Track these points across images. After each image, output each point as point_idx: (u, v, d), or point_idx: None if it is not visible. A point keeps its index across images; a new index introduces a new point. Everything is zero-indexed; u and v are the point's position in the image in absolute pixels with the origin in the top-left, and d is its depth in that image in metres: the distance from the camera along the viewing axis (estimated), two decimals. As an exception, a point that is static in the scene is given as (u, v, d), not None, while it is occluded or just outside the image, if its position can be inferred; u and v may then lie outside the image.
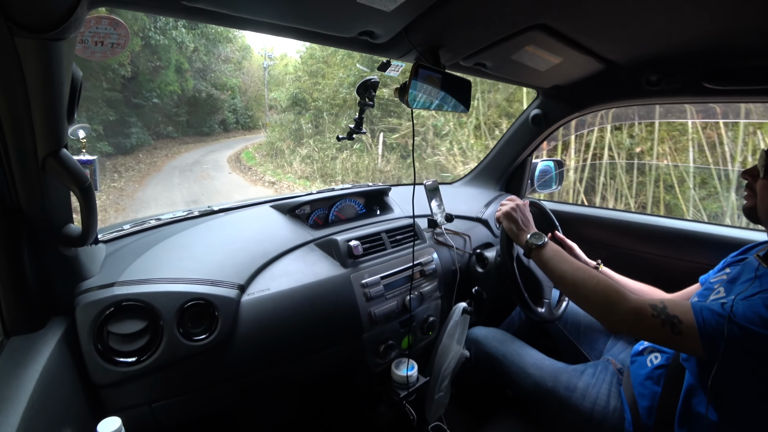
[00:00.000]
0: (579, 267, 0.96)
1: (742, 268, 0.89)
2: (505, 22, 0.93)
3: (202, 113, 18.82)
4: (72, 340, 0.77)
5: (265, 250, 1.09)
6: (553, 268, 1.00)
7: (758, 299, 0.72)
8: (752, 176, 0.86)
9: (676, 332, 0.76)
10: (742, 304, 0.72)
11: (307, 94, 11.89)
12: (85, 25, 0.68)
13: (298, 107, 11.97)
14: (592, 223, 1.76)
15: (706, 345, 0.72)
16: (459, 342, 1.30)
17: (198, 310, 0.88)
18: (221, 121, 20.28)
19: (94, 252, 0.90)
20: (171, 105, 16.35)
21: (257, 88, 22.69)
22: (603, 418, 1.02)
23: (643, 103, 1.57)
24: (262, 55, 22.34)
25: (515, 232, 1.13)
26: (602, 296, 0.87)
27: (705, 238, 1.47)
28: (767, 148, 0.82)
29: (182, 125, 17.34)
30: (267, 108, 21.03)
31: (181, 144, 16.71)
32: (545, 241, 1.06)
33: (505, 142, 1.91)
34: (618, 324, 0.84)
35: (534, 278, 1.31)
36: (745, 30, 0.96)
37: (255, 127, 21.93)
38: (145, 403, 0.85)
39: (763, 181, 0.82)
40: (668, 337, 0.77)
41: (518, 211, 1.16)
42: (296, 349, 1.03)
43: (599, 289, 0.88)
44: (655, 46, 1.13)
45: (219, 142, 18.63)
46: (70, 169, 0.66)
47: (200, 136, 18.44)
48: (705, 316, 0.74)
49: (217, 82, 19.59)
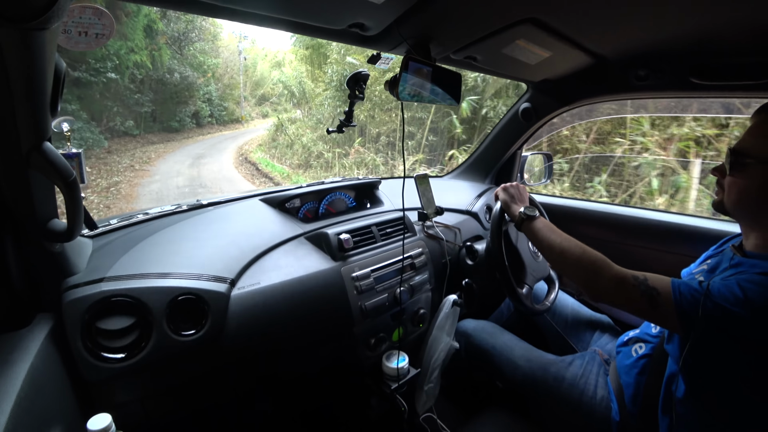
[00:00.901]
0: (567, 237, 1.01)
1: (720, 258, 0.93)
2: (495, 16, 0.93)
3: (171, 103, 14.63)
4: (59, 336, 0.76)
5: (255, 244, 1.09)
6: (542, 238, 1.05)
7: (733, 279, 0.75)
8: (720, 173, 0.89)
9: (653, 304, 0.79)
10: (718, 283, 0.75)
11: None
12: (69, 14, 0.66)
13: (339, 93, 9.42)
14: (580, 216, 1.78)
15: (680, 318, 0.76)
16: (449, 334, 1.31)
17: (188, 305, 0.87)
18: (194, 114, 16.18)
19: (80, 247, 0.89)
20: (133, 88, 12.16)
21: (230, 75, 19.87)
22: (590, 407, 1.04)
23: (632, 98, 1.58)
24: (235, 36, 19.76)
25: (510, 204, 1.20)
26: (587, 264, 0.91)
27: (688, 230, 1.50)
28: (732, 147, 0.85)
29: (145, 118, 13.31)
30: (242, 99, 18.99)
31: (145, 144, 12.61)
32: (537, 214, 1.11)
33: (494, 135, 1.91)
34: (601, 291, 0.88)
35: (520, 262, 1.32)
36: (732, 27, 0.97)
37: (230, 121, 18.89)
38: (135, 399, 0.85)
39: (729, 178, 0.85)
40: (646, 308, 0.81)
41: (516, 188, 1.25)
42: (287, 342, 1.03)
43: (585, 257, 0.93)
44: (644, 42, 1.14)
45: (193, 140, 14.98)
46: (55, 162, 0.65)
47: (168, 133, 14.46)
48: (682, 291, 0.77)
49: (193, 61, 15.84)
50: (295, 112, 14.36)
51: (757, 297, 0.70)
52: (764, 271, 0.74)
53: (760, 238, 0.83)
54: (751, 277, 0.74)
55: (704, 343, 0.75)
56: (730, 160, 0.84)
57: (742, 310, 0.70)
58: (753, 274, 0.75)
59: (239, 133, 16.80)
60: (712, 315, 0.72)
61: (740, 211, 0.86)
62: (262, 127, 17.09)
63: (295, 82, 12.93)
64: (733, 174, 0.84)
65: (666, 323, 0.81)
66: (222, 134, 16.81)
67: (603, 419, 1.02)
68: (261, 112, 22.04)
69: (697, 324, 0.74)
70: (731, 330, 0.71)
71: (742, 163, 0.82)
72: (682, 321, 0.76)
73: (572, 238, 1.01)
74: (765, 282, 0.72)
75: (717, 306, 0.72)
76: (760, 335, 0.70)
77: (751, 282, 0.73)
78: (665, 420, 0.90)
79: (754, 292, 0.70)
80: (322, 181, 1.47)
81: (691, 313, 0.75)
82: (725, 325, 0.72)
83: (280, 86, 13.94)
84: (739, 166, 0.82)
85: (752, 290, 0.71)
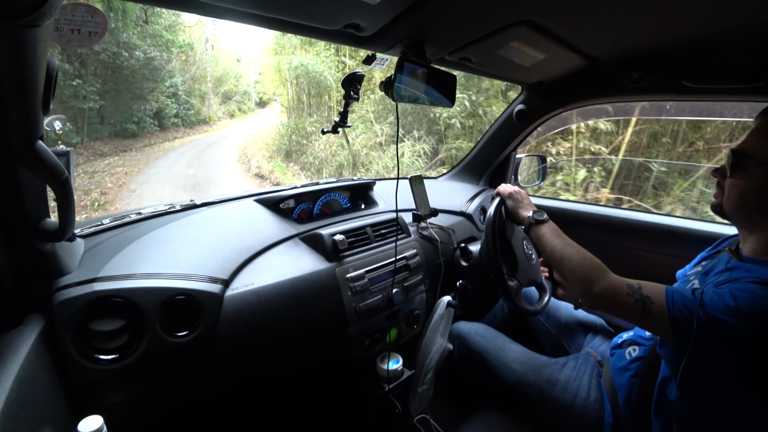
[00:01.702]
0: (569, 243, 1.04)
1: (717, 261, 0.93)
2: (490, 18, 0.94)
3: (128, 96, 10.47)
4: (50, 338, 0.75)
5: (249, 245, 1.08)
6: (546, 242, 1.08)
7: (726, 288, 0.75)
8: (721, 175, 0.89)
9: (647, 312, 0.80)
10: (712, 291, 0.76)
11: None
12: (61, 12, 0.65)
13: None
14: (575, 218, 1.79)
15: (673, 327, 0.76)
16: (443, 335, 1.31)
17: (181, 305, 0.86)
18: (156, 113, 12.00)
19: (72, 247, 0.88)
20: (70, 71, 8.57)
21: (198, 66, 16.08)
22: (584, 409, 1.05)
23: (625, 100, 1.60)
24: (201, 21, 15.81)
25: (517, 209, 1.24)
26: (585, 271, 0.93)
27: (683, 232, 1.51)
28: (734, 148, 0.85)
29: (90, 118, 9.24)
30: (210, 95, 16.70)
31: (92, 158, 8.77)
32: (546, 218, 1.14)
33: (489, 137, 1.92)
34: (596, 298, 0.89)
35: (514, 264, 1.32)
36: (722, 30, 0.98)
37: (197, 122, 15.31)
38: (127, 401, 0.84)
39: (730, 179, 0.85)
40: (639, 316, 0.82)
41: (520, 193, 1.28)
42: (281, 343, 1.02)
43: (584, 264, 0.94)
44: (637, 44, 1.15)
45: (160, 149, 11.07)
46: (47, 161, 0.64)
47: (123, 140, 10.33)
48: (675, 300, 0.78)
49: (159, 41, 11.65)
50: (257, 111, 14.41)
51: (749, 306, 0.70)
52: (758, 278, 0.75)
53: (757, 242, 0.84)
54: (745, 285, 0.74)
55: (697, 350, 0.75)
56: (731, 162, 0.84)
57: (734, 320, 0.70)
58: (747, 283, 0.75)
59: (214, 138, 13.85)
60: (705, 325, 0.73)
61: (739, 214, 0.87)
62: (233, 129, 15.89)
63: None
64: (734, 176, 0.84)
65: (659, 331, 0.81)
66: (193, 139, 13.35)
67: (596, 421, 1.03)
68: (228, 111, 20.56)
69: (690, 333, 0.74)
70: (724, 338, 0.72)
71: (744, 164, 0.82)
72: (675, 330, 0.76)
73: (575, 243, 1.03)
74: (758, 291, 0.72)
75: (709, 316, 0.73)
76: (752, 344, 0.70)
77: (745, 291, 0.73)
78: (658, 422, 0.90)
79: (746, 301, 0.71)
80: (317, 182, 1.46)
81: (684, 322, 0.75)
82: (718, 334, 0.72)
83: (244, 83, 13.56)
84: (740, 167, 0.83)
85: (744, 299, 0.71)
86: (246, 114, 22.98)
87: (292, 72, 9.86)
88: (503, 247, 1.29)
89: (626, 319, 0.86)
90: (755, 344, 0.70)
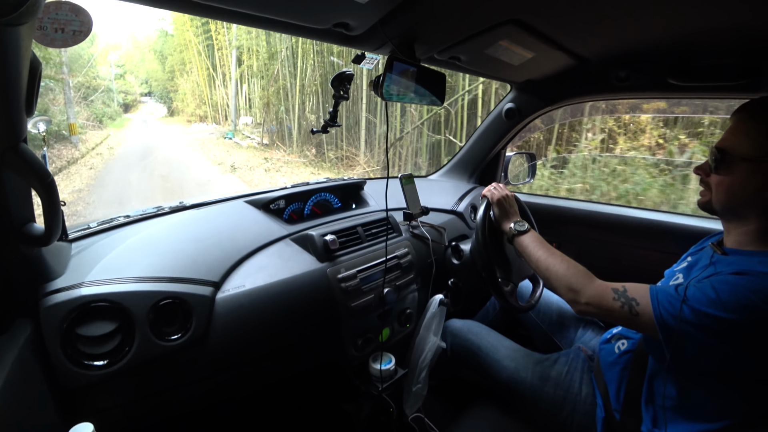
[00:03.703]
0: (553, 253, 1.04)
1: (701, 255, 0.95)
2: (479, 17, 0.94)
3: None
4: (38, 344, 0.74)
5: (240, 246, 1.07)
6: (531, 253, 1.09)
7: (707, 282, 0.78)
8: (705, 172, 0.91)
9: (633, 313, 0.83)
10: (694, 287, 0.78)
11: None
12: (44, 10, 0.64)
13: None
14: (565, 214, 1.80)
15: (659, 324, 0.78)
16: (436, 334, 1.31)
17: (171, 309, 0.86)
18: None
19: (59, 251, 0.86)
20: None
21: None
22: (575, 404, 1.06)
23: (614, 98, 1.62)
24: None
25: (501, 219, 1.24)
26: (571, 280, 0.95)
27: (671, 227, 1.53)
28: (716, 145, 0.87)
29: None
30: (68, 88, 11.38)
31: None
32: (526, 228, 1.15)
33: (478, 135, 1.93)
34: (583, 306, 0.91)
35: (505, 261, 1.33)
36: (708, 31, 1.00)
37: (53, 138, 9.83)
38: (118, 405, 0.83)
39: (716, 176, 0.87)
40: (627, 318, 0.84)
41: (507, 200, 1.27)
42: (273, 344, 1.02)
43: (569, 274, 0.96)
44: (624, 43, 1.16)
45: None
46: (32, 163, 0.63)
47: None
48: (660, 298, 0.80)
49: None
50: (128, 118, 12.80)
51: (729, 297, 0.72)
52: (738, 270, 0.77)
53: (742, 234, 0.86)
54: (725, 277, 0.77)
55: (685, 345, 0.77)
56: (715, 158, 0.86)
57: (717, 312, 0.72)
58: (727, 275, 0.77)
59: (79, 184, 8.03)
60: (689, 319, 0.75)
61: (727, 209, 0.88)
62: (124, 155, 10.67)
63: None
64: (719, 172, 0.86)
65: (647, 330, 0.83)
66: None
67: (588, 415, 1.04)
68: (93, 115, 14.06)
69: (674, 328, 0.76)
70: (707, 331, 0.74)
71: (728, 161, 0.84)
72: (661, 327, 0.78)
73: (559, 252, 1.04)
74: (737, 281, 0.74)
75: (693, 310, 0.75)
76: (735, 333, 0.72)
77: (725, 283, 0.75)
78: (649, 414, 0.92)
79: (727, 292, 0.73)
80: (307, 182, 1.46)
81: (669, 319, 0.77)
82: (702, 327, 0.74)
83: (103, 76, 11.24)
84: (724, 164, 0.84)
85: (725, 291, 0.73)
86: (114, 120, 18.73)
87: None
88: (495, 249, 1.30)
89: (615, 322, 0.89)
90: (738, 334, 0.72)
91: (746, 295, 0.71)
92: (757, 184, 0.80)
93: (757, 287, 0.72)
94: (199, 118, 22.23)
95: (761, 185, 0.79)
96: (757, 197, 0.80)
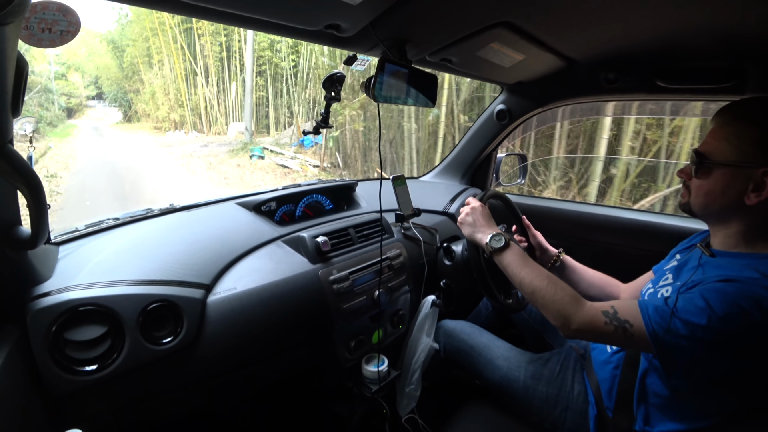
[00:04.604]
0: (538, 274, 0.98)
1: (690, 255, 0.96)
2: (470, 19, 0.95)
3: None
4: (25, 349, 0.72)
5: (231, 248, 1.06)
6: (513, 273, 1.02)
7: (696, 291, 0.78)
8: (687, 175, 0.92)
9: (628, 335, 0.81)
10: (683, 298, 0.78)
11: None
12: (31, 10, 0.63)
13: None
14: (555, 215, 1.82)
15: (653, 341, 0.78)
16: (428, 335, 1.31)
17: (161, 312, 0.85)
18: None
19: (46, 255, 0.85)
20: None
21: None
22: (568, 401, 1.07)
23: (603, 100, 1.63)
24: None
25: (474, 235, 1.14)
26: (559, 306, 0.91)
27: (658, 228, 1.55)
28: (695, 149, 0.88)
29: None
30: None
31: None
32: (503, 244, 1.05)
33: (470, 136, 1.94)
34: (574, 333, 0.89)
35: (497, 272, 1.33)
36: (695, 33, 1.01)
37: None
38: (108, 411, 0.82)
39: (696, 180, 0.88)
40: (621, 339, 0.83)
41: (475, 213, 1.15)
42: (266, 348, 1.01)
43: (557, 299, 0.91)
44: (612, 45, 1.18)
45: None
46: (18, 165, 0.62)
47: None
48: (651, 314, 0.79)
49: None
50: (74, 125, 9.38)
51: (720, 306, 0.73)
52: (726, 277, 0.77)
53: (727, 236, 0.87)
54: (713, 285, 0.77)
55: (677, 353, 0.78)
56: (695, 162, 0.87)
57: (709, 322, 0.73)
58: (715, 282, 0.78)
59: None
60: (683, 333, 0.75)
61: (707, 212, 0.89)
62: (69, 186, 7.35)
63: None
64: (699, 176, 0.87)
65: (642, 348, 0.84)
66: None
67: (580, 413, 1.05)
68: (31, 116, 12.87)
69: (670, 344, 0.76)
70: (701, 342, 0.74)
71: (707, 165, 0.85)
72: (655, 343, 0.78)
73: (544, 272, 0.99)
74: (726, 289, 0.75)
75: (685, 322, 0.75)
76: (728, 342, 0.73)
77: (714, 291, 0.75)
78: (640, 412, 0.93)
79: (717, 301, 0.73)
80: (299, 184, 1.45)
81: (662, 333, 0.77)
82: (695, 339, 0.74)
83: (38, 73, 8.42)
84: (704, 168, 0.85)
85: (715, 300, 0.74)
86: (55, 128, 16.14)
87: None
88: (490, 268, 1.26)
89: (609, 344, 0.90)
90: (732, 342, 0.73)
91: (737, 303, 0.72)
92: (738, 189, 0.81)
93: (747, 294, 0.72)
94: (173, 124, 17.48)
95: (741, 190, 0.80)
96: (738, 202, 0.81)
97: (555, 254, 1.32)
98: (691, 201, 0.91)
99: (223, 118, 15.41)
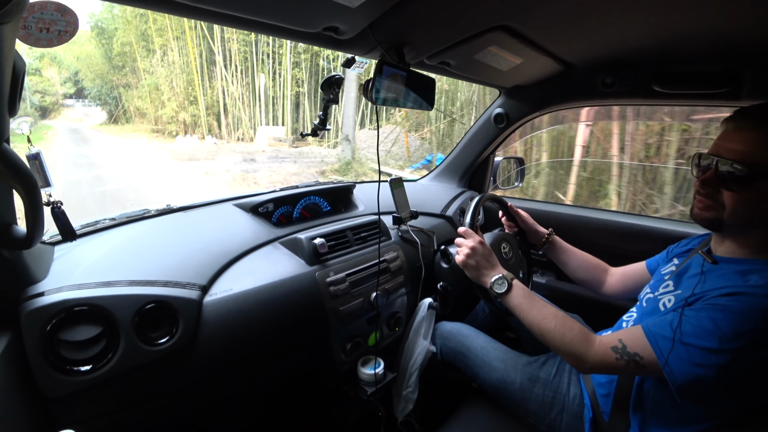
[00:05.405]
0: (545, 315, 0.96)
1: (690, 262, 0.95)
2: (468, 23, 0.95)
3: None
4: (18, 350, 0.72)
5: (228, 250, 1.06)
6: (521, 316, 1.00)
7: (705, 316, 0.77)
8: (713, 188, 0.83)
9: (640, 366, 0.82)
10: (688, 320, 0.78)
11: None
12: (29, 10, 0.63)
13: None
14: (552, 218, 1.82)
15: (666, 370, 0.78)
16: (425, 337, 1.31)
17: (157, 313, 0.84)
18: None
19: (41, 254, 0.85)
20: None
21: None
22: (564, 404, 1.07)
23: (600, 104, 1.64)
24: None
25: (479, 281, 1.09)
26: (570, 348, 0.90)
27: (655, 231, 1.56)
28: (735, 158, 0.79)
29: None
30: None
31: None
32: (506, 288, 1.02)
33: (468, 139, 1.94)
34: (589, 371, 0.89)
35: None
36: (691, 38, 1.02)
37: None
38: (102, 413, 0.81)
39: (731, 193, 0.80)
40: (635, 371, 0.84)
41: (476, 254, 1.09)
42: (262, 349, 1.01)
43: (566, 341, 0.90)
44: (610, 51, 1.19)
45: None
46: (14, 165, 0.62)
47: None
48: (660, 345, 0.79)
49: None
50: (50, 126, 7.86)
51: (728, 327, 0.73)
52: (730, 291, 0.77)
53: (738, 245, 0.86)
54: (717, 302, 0.77)
55: (690, 378, 0.77)
56: (739, 173, 0.78)
57: (719, 344, 0.73)
58: (718, 297, 0.77)
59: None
60: (694, 359, 0.75)
61: (744, 224, 0.83)
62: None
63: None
64: (739, 188, 0.79)
65: (653, 375, 0.84)
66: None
67: (576, 416, 1.05)
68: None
69: (683, 373, 0.76)
70: (712, 365, 0.74)
71: (749, 176, 0.77)
72: (667, 371, 0.78)
73: (551, 310, 0.97)
74: (732, 307, 0.74)
75: (695, 347, 0.75)
76: (737, 359, 0.73)
77: (720, 310, 0.75)
78: (637, 417, 0.93)
79: (725, 321, 0.73)
80: (296, 186, 1.45)
81: (671, 361, 0.77)
82: (708, 364, 0.74)
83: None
84: (746, 179, 0.78)
85: (722, 320, 0.74)
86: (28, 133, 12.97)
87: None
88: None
89: (623, 375, 0.92)
90: (742, 357, 0.73)
91: (745, 319, 0.72)
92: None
93: (753, 307, 0.72)
94: (182, 126, 14.20)
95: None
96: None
97: (545, 234, 1.33)
98: (726, 216, 0.82)
99: (247, 119, 12.32)
